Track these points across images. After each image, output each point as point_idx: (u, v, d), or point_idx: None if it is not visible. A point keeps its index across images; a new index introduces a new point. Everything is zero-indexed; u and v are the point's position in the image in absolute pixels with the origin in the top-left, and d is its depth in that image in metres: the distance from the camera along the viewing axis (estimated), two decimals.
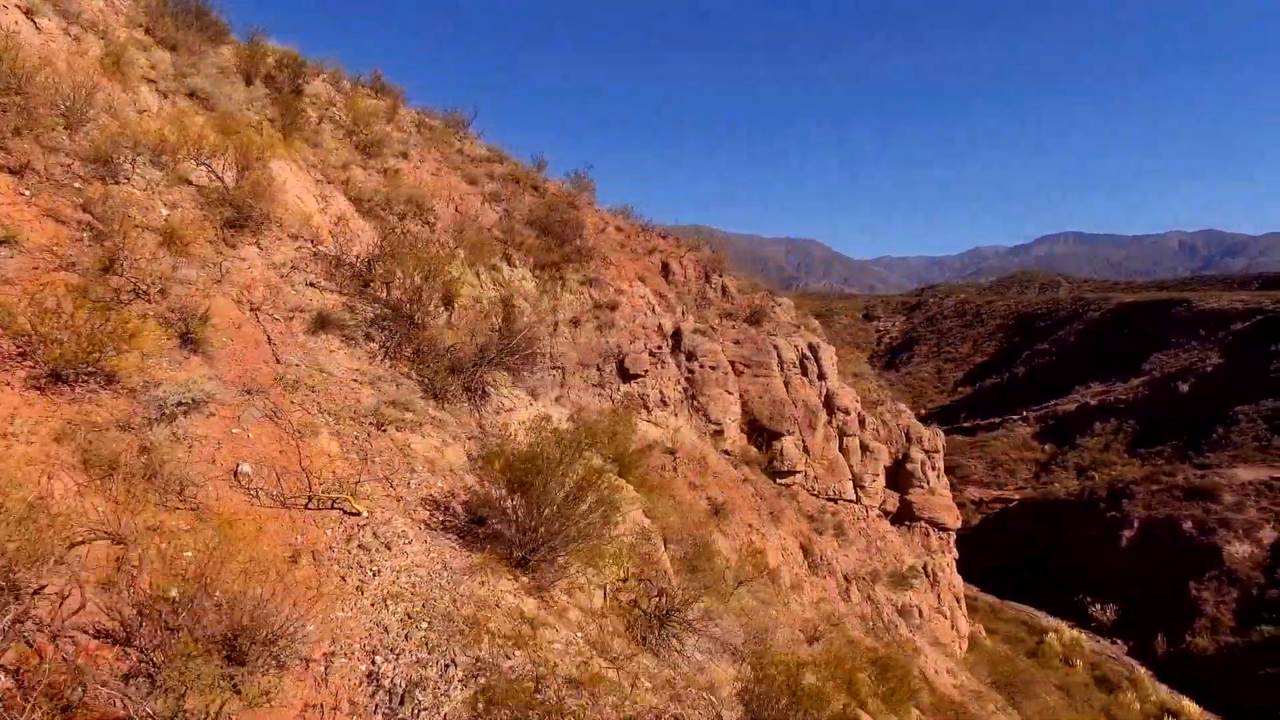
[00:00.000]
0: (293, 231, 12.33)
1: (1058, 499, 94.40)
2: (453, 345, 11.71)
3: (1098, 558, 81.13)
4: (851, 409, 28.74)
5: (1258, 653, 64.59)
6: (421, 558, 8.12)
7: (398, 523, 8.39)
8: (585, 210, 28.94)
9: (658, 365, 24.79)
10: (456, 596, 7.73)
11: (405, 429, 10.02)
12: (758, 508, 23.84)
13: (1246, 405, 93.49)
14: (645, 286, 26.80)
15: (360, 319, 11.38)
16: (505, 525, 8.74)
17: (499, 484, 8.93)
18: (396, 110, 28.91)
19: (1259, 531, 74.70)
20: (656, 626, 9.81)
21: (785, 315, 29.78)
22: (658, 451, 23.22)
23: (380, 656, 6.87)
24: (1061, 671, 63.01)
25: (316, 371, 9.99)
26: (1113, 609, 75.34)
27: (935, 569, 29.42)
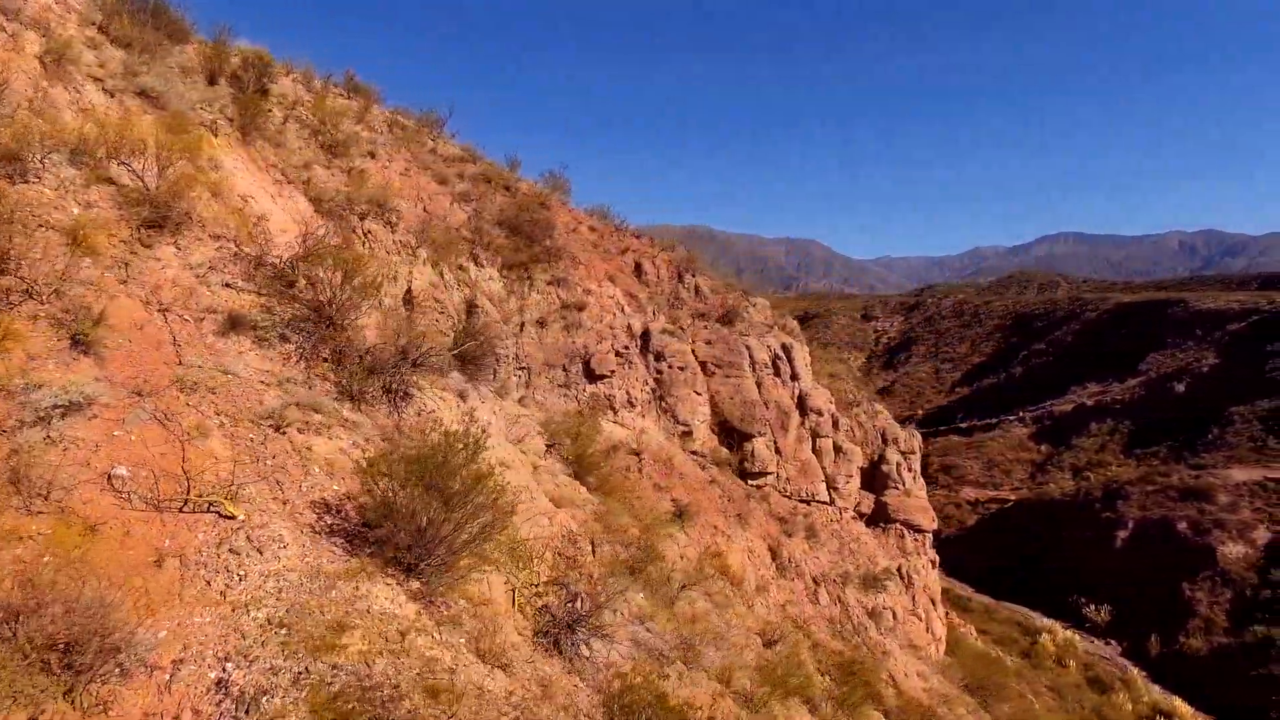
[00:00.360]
0: (216, 231, 12.15)
1: (1053, 500, 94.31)
2: (374, 346, 11.54)
3: (1092, 558, 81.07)
4: (825, 410, 28.49)
5: (1250, 653, 64.54)
6: (295, 562, 7.96)
7: (275, 526, 8.23)
8: (557, 210, 28.77)
9: (625, 365, 24.59)
10: (326, 602, 7.57)
11: (309, 431, 9.87)
12: (725, 510, 23.62)
13: (1242, 406, 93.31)
14: (615, 286, 26.61)
15: (277, 320, 11.21)
16: (394, 529, 8.55)
17: (391, 486, 8.73)
18: (369, 110, 28.75)
19: (1253, 532, 74.65)
20: (566, 632, 9.62)
21: (759, 315, 29.52)
22: (623, 452, 23.05)
23: (232, 663, 6.70)
24: (1054, 672, 63.01)
25: (220, 373, 9.84)
26: (1107, 610, 75.28)
27: (910, 571, 29.15)
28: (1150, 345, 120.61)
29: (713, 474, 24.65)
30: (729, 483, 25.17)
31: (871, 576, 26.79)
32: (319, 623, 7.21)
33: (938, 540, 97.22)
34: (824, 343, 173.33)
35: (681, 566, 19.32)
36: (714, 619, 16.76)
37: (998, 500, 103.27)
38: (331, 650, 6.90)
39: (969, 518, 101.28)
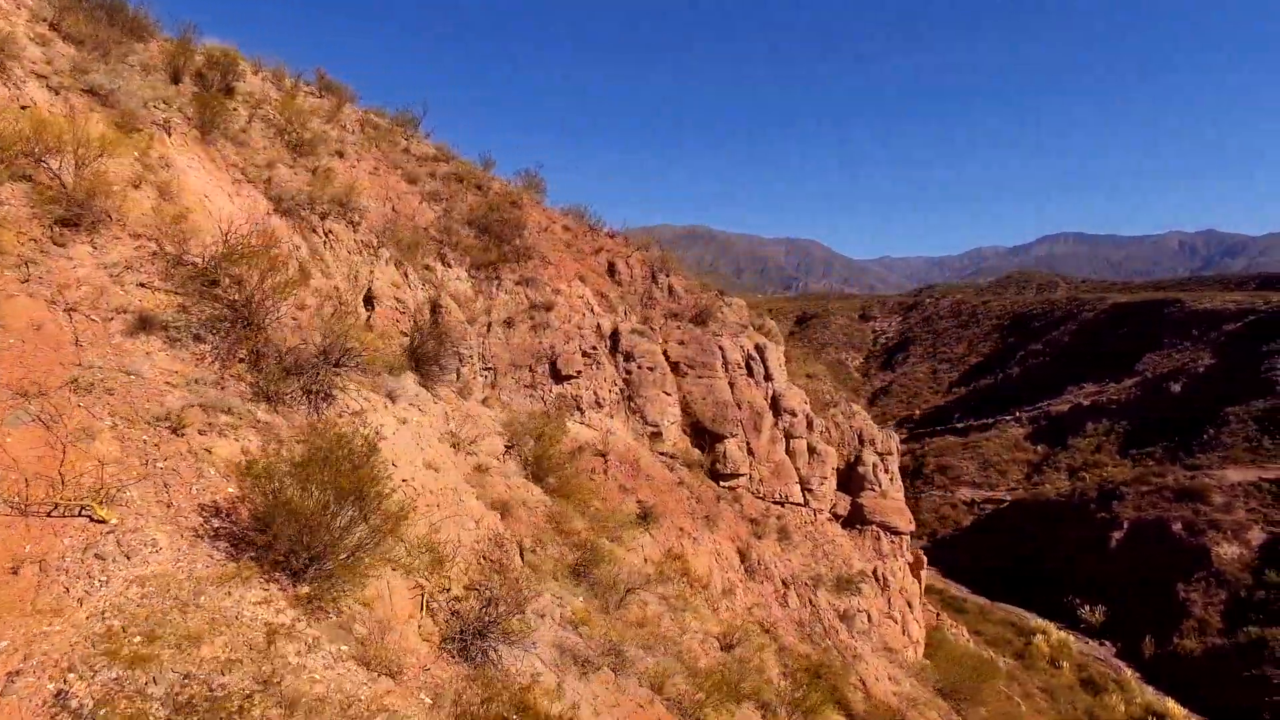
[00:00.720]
0: (138, 230, 11.89)
1: (1048, 500, 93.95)
2: (295, 346, 11.28)
3: (1087, 559, 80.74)
4: (799, 411, 28.15)
5: (1244, 654, 64.16)
6: (167, 567, 7.71)
7: (150, 531, 7.97)
8: (529, 209, 28.52)
9: (592, 366, 24.31)
10: (191, 608, 7.31)
11: (212, 432, 9.62)
12: (692, 511, 23.33)
13: (1237, 406, 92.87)
14: (585, 286, 26.33)
15: (193, 320, 10.96)
16: (278, 532, 8.27)
17: (273, 489, 8.45)
18: (340, 109, 28.54)
19: (1247, 533, 74.26)
20: (476, 638, 9.36)
21: (733, 315, 29.18)
22: (588, 454, 22.78)
23: (75, 674, 6.43)
24: (1048, 673, 62.69)
25: (122, 374, 9.59)
26: (1102, 610, 74.92)
27: (886, 573, 28.77)
28: (1147, 345, 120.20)
29: (681, 475, 24.34)
30: (699, 484, 24.86)
31: (845, 579, 26.45)
32: (178, 630, 6.95)
33: (933, 541, 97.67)
34: (822, 343, 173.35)
35: (640, 569, 19.04)
36: (667, 623, 16.48)
37: (993, 501, 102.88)
38: (186, 659, 6.64)
39: (965, 518, 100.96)
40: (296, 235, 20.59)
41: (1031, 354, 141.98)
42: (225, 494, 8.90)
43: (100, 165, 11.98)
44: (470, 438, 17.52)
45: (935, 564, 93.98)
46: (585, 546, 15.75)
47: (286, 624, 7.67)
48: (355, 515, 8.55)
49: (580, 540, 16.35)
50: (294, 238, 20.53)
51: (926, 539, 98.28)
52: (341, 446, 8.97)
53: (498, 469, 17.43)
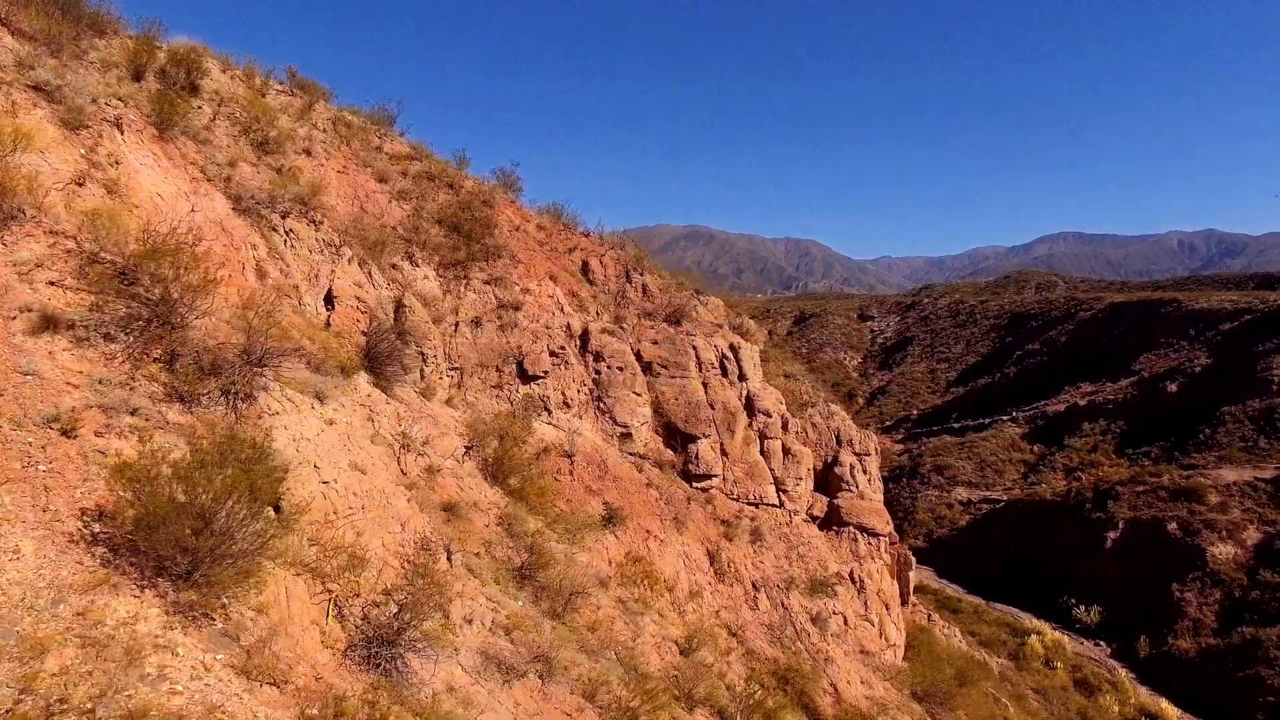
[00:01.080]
0: (55, 228, 11.56)
1: (1044, 500, 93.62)
2: (217, 346, 10.94)
3: (1083, 559, 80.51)
4: (774, 411, 27.74)
5: (1238, 654, 63.92)
6: (27, 575, 7.37)
7: (14, 537, 7.62)
8: (502, 208, 28.16)
9: (561, 366, 23.95)
10: (46, 617, 6.96)
11: (111, 434, 9.29)
12: (661, 513, 22.97)
13: (1233, 406, 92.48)
14: (556, 285, 25.97)
15: (106, 319, 10.63)
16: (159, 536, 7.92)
17: (148, 491, 8.10)
18: (312, 107, 28.22)
19: (1242, 532, 73.96)
20: (385, 646, 9.01)
21: (708, 315, 28.77)
22: (554, 454, 22.44)
23: None
24: (1041, 674, 62.36)
25: (17, 374, 9.26)
26: (1097, 611, 74.63)
27: (863, 575, 28.31)
28: (1143, 345, 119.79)
29: (651, 476, 23.97)
30: (669, 485, 24.49)
31: (819, 581, 26.04)
32: (26, 641, 6.61)
33: (930, 541, 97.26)
34: (820, 343, 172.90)
35: (599, 572, 18.69)
36: (620, 626, 16.13)
37: (990, 501, 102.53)
38: (26, 672, 6.30)
39: (961, 518, 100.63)
40: (255, 234, 20.28)
41: (1029, 354, 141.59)
42: (112, 498, 8.57)
43: (15, 161, 11.64)
44: (424, 438, 17.19)
45: (931, 564, 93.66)
46: (534, 549, 15.39)
47: (154, 632, 7.34)
48: (245, 517, 8.19)
49: (531, 543, 16.00)
50: (252, 236, 20.22)
51: (923, 539, 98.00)
52: (235, 448, 8.62)
53: (451, 470, 17.08)
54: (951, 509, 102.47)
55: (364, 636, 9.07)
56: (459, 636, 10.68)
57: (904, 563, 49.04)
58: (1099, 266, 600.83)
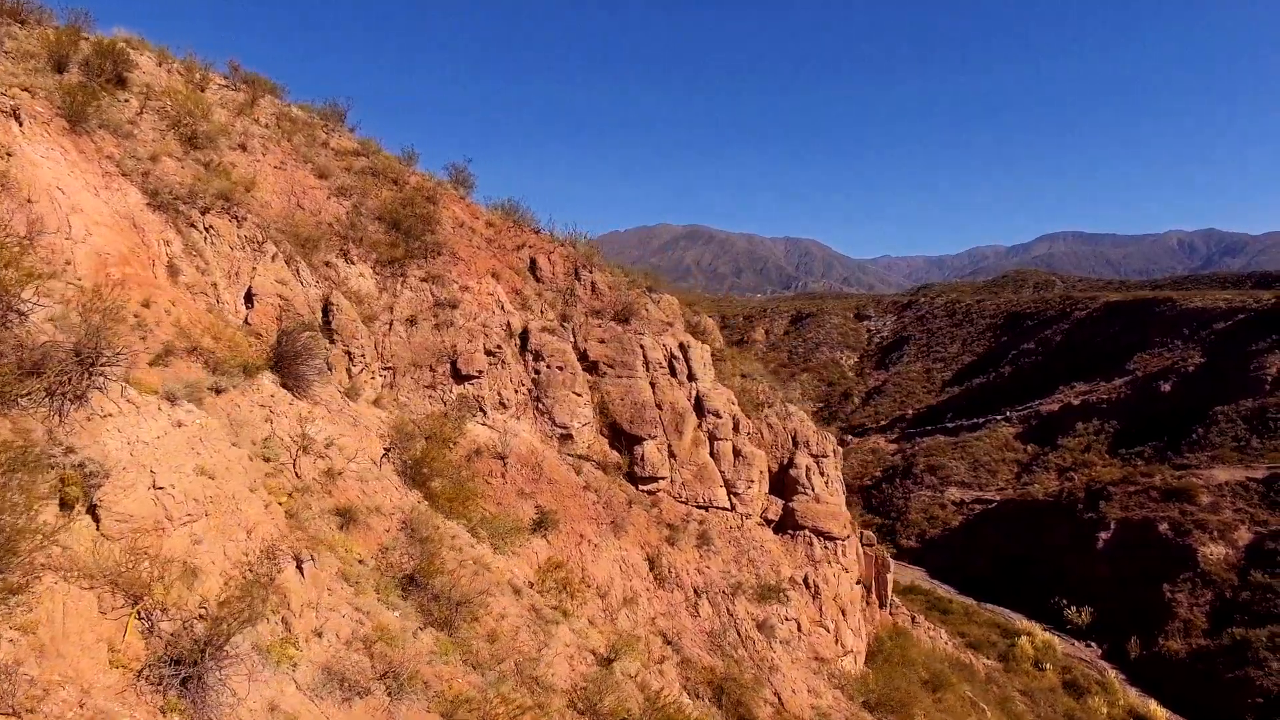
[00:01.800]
0: None
1: (1036, 500, 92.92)
2: (45, 345, 10.22)
3: (1074, 560, 79.84)
4: (724, 412, 26.89)
5: (1227, 655, 63.25)
6: None
7: None
8: (448, 205, 27.41)
9: (498, 365, 23.19)
10: None
11: None
12: (597, 517, 22.18)
13: (1226, 405, 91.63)
14: (497, 283, 25.22)
15: None
16: None
17: None
18: (256, 102, 27.55)
19: (1234, 533, 73.25)
20: (189, 664, 8.27)
21: (659, 313, 27.95)
22: (486, 456, 21.68)
23: None
24: (1030, 676, 61.56)
25: None
26: (1088, 611, 73.97)
27: (818, 580, 27.41)
28: (1138, 344, 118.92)
29: (590, 479, 23.17)
30: (610, 488, 23.69)
31: (770, 587, 25.18)
32: None
33: (922, 541, 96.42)
34: (816, 342, 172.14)
35: (514, 579, 17.93)
36: (525, 637, 15.37)
37: (982, 501, 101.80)
38: None
39: (954, 518, 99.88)
40: (169, 230, 19.59)
41: (1024, 353, 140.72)
42: None
43: None
44: (327, 440, 16.43)
45: (923, 565, 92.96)
46: (429, 555, 14.63)
47: None
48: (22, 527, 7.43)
49: (429, 549, 15.25)
50: (166, 233, 19.53)
51: (915, 539, 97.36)
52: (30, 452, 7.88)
53: (356, 473, 16.34)
54: (944, 509, 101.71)
55: (168, 654, 8.35)
56: (301, 651, 9.93)
57: (882, 564, 48.23)
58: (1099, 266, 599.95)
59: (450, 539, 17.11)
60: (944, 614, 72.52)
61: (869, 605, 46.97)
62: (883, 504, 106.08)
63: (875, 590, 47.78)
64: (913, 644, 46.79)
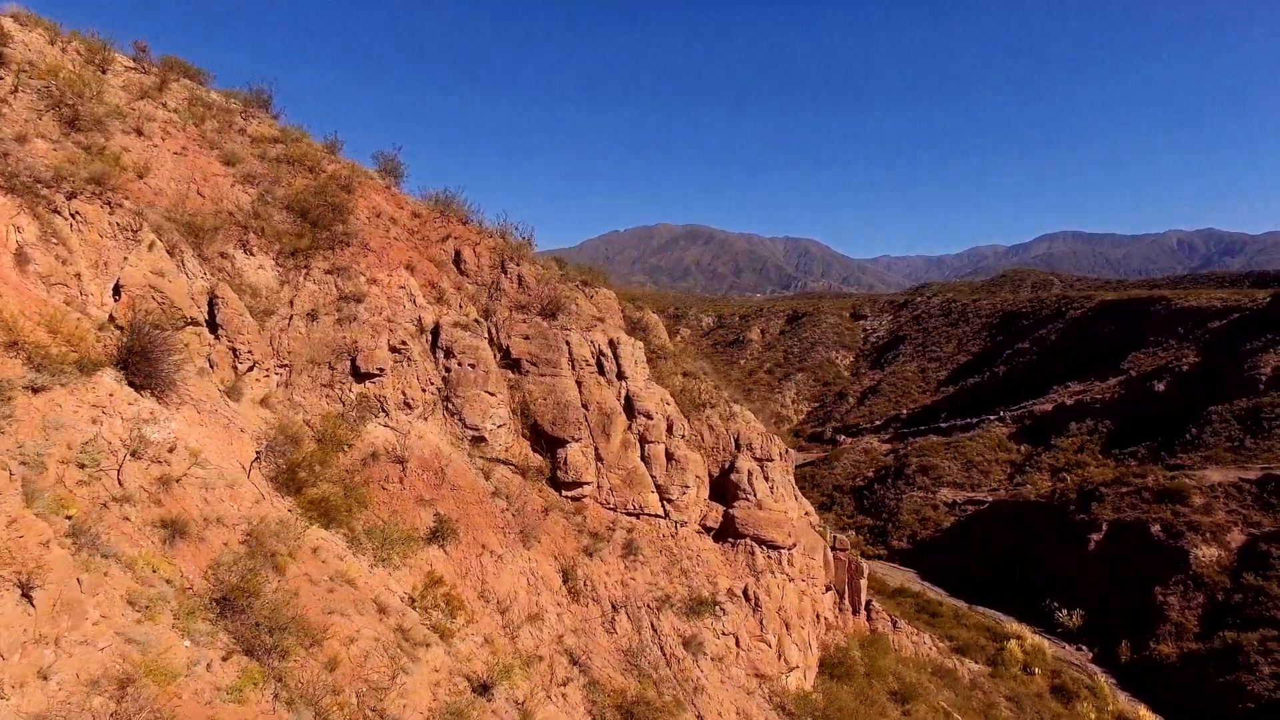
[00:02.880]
0: None
1: (1028, 501, 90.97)
2: None
3: (1066, 562, 78.02)
4: (656, 413, 24.85)
5: (1219, 659, 61.46)
6: None
7: None
8: (371, 194, 25.53)
9: (403, 363, 21.29)
10: None
11: None
12: (504, 525, 20.24)
13: (1220, 405, 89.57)
14: (412, 276, 23.34)
15: None
16: None
17: None
18: (166, 85, 25.76)
19: (1227, 534, 71.39)
20: None
21: (589, 308, 25.93)
22: (384, 461, 19.77)
23: None
24: (1018, 681, 59.44)
25: None
26: (1079, 614, 72.16)
27: (759, 592, 25.31)
28: (1132, 344, 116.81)
29: (501, 484, 21.21)
30: (526, 494, 21.75)
31: (703, 600, 23.13)
32: None
33: (914, 542, 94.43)
34: (812, 342, 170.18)
35: (380, 596, 16.04)
36: (376, 662, 13.49)
37: (975, 502, 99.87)
38: None
39: (946, 519, 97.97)
40: (23, 215, 17.74)
41: (1019, 353, 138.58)
42: None
43: None
44: (170, 443, 14.57)
45: (915, 566, 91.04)
46: (250, 572, 12.73)
47: None
48: None
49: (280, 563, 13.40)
50: (19, 218, 17.68)
51: (907, 540, 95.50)
52: None
53: (199, 480, 14.48)
54: (936, 510, 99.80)
55: None
56: (7, 700, 8.12)
57: (854, 569, 46.31)
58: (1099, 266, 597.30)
59: (311, 552, 15.23)
60: (933, 617, 70.64)
61: (841, 612, 45.04)
62: (874, 505, 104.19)
63: (848, 596, 45.87)
64: (886, 652, 44.76)
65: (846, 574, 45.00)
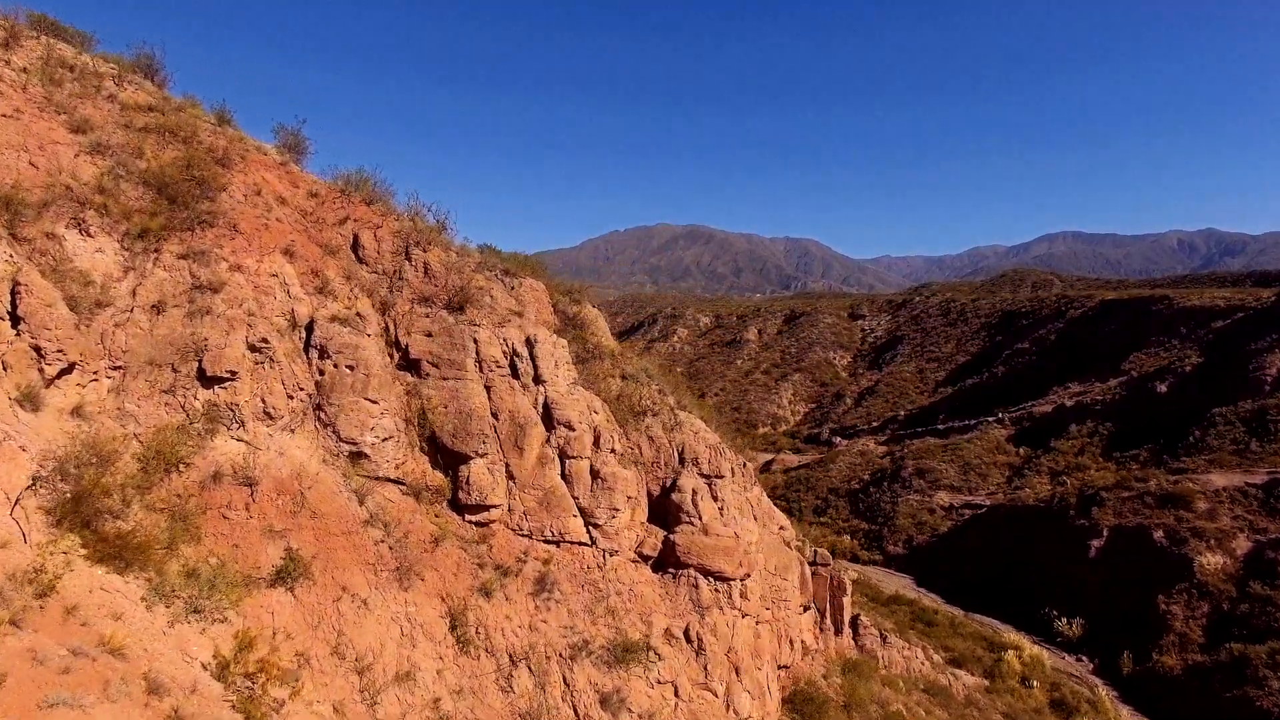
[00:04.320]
0: None
1: (1027, 506, 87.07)
2: None
3: (1066, 568, 74.18)
4: (580, 422, 20.43)
5: (1225, 672, 57.53)
6: None
7: None
8: (256, 170, 21.51)
9: (264, 364, 17.28)
10: None
11: None
12: (377, 561, 16.18)
13: (1224, 407, 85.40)
14: (290, 263, 19.35)
15: None
16: None
17: None
18: (14, 42, 21.88)
19: (1232, 541, 67.45)
20: None
21: (506, 300, 21.74)
22: (228, 483, 15.83)
23: None
24: (1016, 695, 55.39)
25: None
26: (1079, 623, 68.47)
27: (703, 632, 20.84)
28: (1134, 344, 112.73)
29: (378, 509, 17.08)
30: (413, 521, 17.70)
31: (631, 644, 18.83)
32: None
33: (909, 547, 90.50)
34: (809, 342, 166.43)
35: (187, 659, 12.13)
36: None
37: (972, 505, 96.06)
38: None
39: (942, 524, 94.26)
40: None
41: (1018, 353, 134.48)
42: None
43: None
44: None
45: (910, 571, 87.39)
46: None
47: None
48: None
49: None
50: None
51: (902, 545, 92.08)
52: None
53: None
54: (933, 514, 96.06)
55: None
56: None
57: (837, 587, 42.17)
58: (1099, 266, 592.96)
59: (63, 614, 11.30)
60: (928, 626, 66.96)
61: (823, 632, 40.99)
62: (870, 508, 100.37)
63: (830, 615, 41.73)
64: (870, 675, 40.61)
65: (828, 591, 40.88)
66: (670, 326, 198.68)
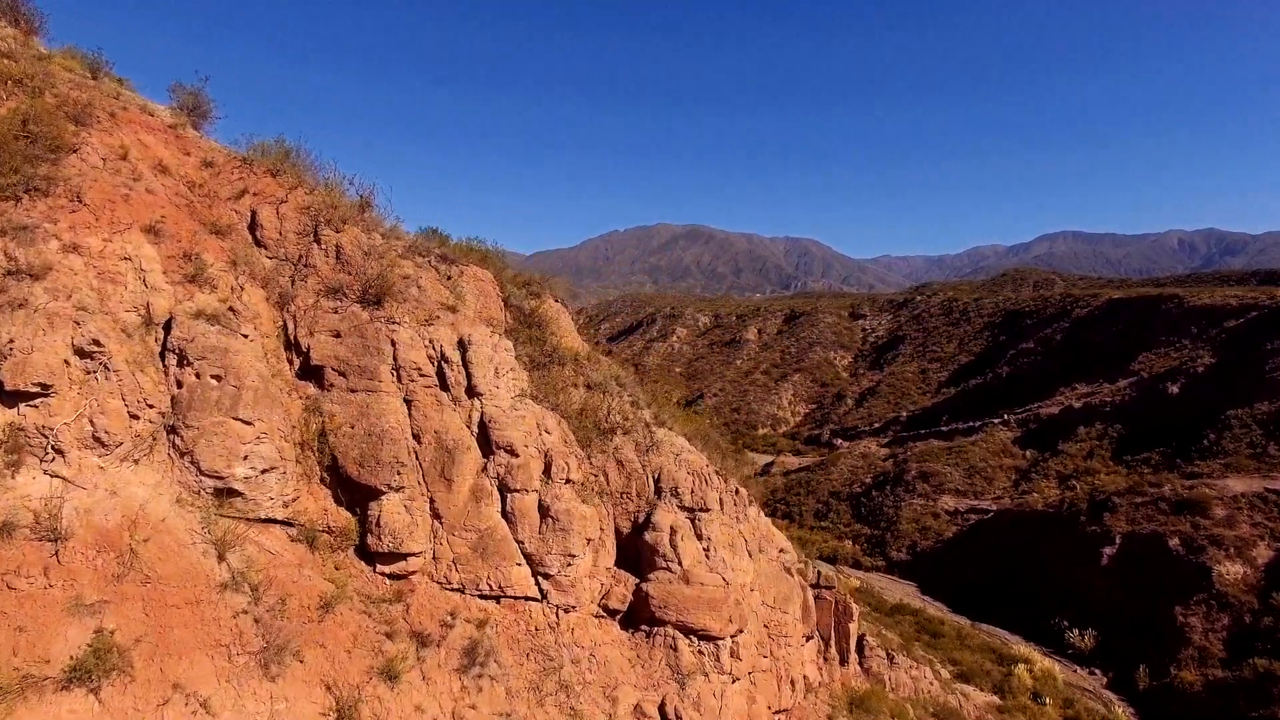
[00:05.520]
0: None
1: (1035, 511, 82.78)
2: None
3: (1077, 577, 69.95)
4: (527, 447, 15.36)
5: (1250, 691, 53.30)
6: None
7: None
8: (122, 129, 16.86)
9: (95, 374, 12.61)
10: None
11: None
12: (234, 640, 11.54)
13: (1240, 409, 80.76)
14: (155, 243, 14.76)
15: None
16: None
17: None
18: None
19: (1252, 550, 63.21)
20: None
21: (436, 293, 16.89)
22: (24, 539, 11.23)
23: None
24: (1027, 712, 51.07)
25: None
26: (1091, 635, 64.19)
27: (682, 707, 15.91)
28: (1143, 344, 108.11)
29: (244, 566, 12.44)
30: (296, 579, 13.04)
31: None
32: None
33: (913, 553, 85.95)
34: (810, 342, 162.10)
35: None
36: None
37: (978, 510, 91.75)
38: None
39: (947, 529, 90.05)
40: None
41: (1023, 353, 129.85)
42: None
43: None
44: None
45: (914, 579, 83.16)
46: None
47: None
48: None
49: None
50: None
51: (906, 551, 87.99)
52: None
53: None
54: (937, 519, 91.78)
55: None
56: None
57: (842, 612, 37.50)
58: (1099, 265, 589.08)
59: None
60: (934, 637, 62.95)
61: (827, 662, 36.33)
62: (873, 513, 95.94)
63: (835, 643, 37.09)
64: (879, 709, 36.16)
65: (833, 617, 36.27)
66: (669, 326, 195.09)
